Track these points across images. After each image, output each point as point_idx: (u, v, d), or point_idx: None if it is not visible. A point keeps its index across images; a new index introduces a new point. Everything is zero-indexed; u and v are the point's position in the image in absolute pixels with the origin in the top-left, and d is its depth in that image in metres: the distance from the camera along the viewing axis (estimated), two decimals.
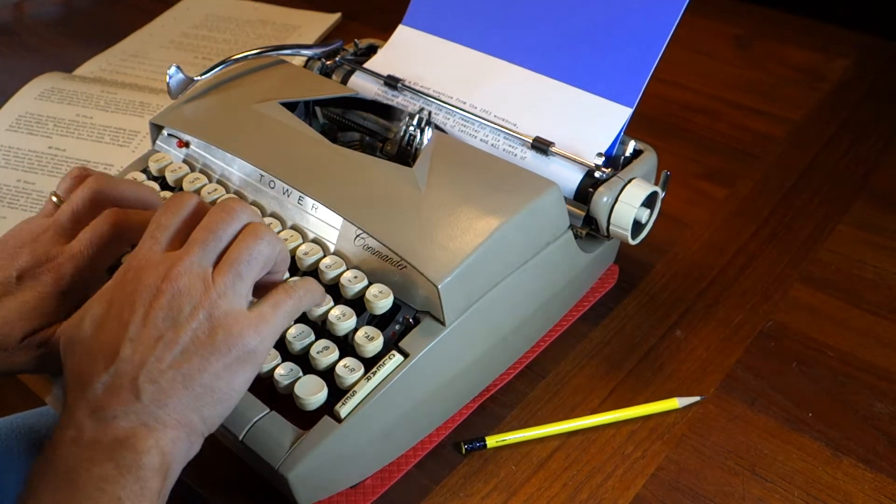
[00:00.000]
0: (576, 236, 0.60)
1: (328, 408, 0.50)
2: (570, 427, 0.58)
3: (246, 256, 0.44)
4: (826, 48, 1.04)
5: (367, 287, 0.53)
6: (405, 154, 0.64)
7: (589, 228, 0.60)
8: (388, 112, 0.67)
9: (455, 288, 0.51)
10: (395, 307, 0.53)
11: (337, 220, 0.55)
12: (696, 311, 0.68)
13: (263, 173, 0.59)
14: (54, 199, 0.54)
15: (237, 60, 0.68)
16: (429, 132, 0.63)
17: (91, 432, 0.41)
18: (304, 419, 0.50)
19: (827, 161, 0.85)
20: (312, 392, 0.49)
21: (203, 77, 0.66)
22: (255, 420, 0.50)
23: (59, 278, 0.50)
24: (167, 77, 0.64)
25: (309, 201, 0.57)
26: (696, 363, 0.63)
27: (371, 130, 0.66)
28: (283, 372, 0.51)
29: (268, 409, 0.50)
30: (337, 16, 1.11)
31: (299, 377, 0.50)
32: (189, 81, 0.65)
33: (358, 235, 0.54)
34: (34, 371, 0.51)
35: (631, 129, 0.80)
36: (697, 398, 0.60)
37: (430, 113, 0.64)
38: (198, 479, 0.53)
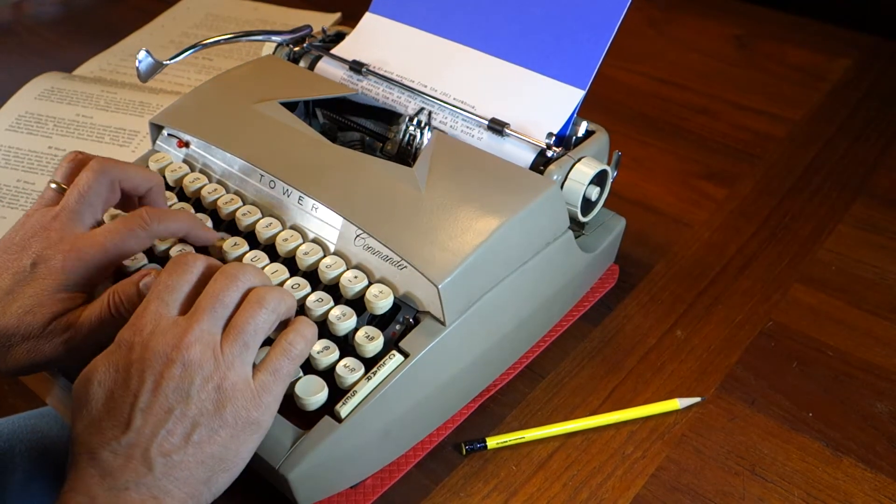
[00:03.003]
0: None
1: (328, 408, 0.50)
2: (571, 428, 0.58)
3: (252, 326, 0.45)
4: (826, 48, 1.04)
5: (367, 287, 0.53)
6: (405, 154, 0.64)
7: None
8: (388, 112, 0.67)
9: (455, 288, 0.51)
10: (396, 307, 0.53)
11: (337, 220, 0.55)
12: (696, 311, 0.68)
13: (263, 173, 0.59)
14: (53, 185, 0.54)
15: (206, 45, 0.69)
16: (429, 132, 0.63)
17: (102, 502, 0.40)
18: (305, 419, 0.50)
19: (827, 161, 0.85)
20: (313, 392, 0.49)
21: (172, 61, 0.67)
22: None
23: (79, 262, 0.50)
24: (136, 62, 0.65)
25: (309, 201, 0.57)
26: (696, 363, 0.63)
27: (371, 130, 0.66)
28: None
29: None
30: (337, 15, 1.11)
31: (300, 377, 0.50)
32: (158, 66, 0.66)
33: (358, 235, 0.54)
34: (64, 360, 0.51)
35: (632, 127, 0.80)
36: (698, 399, 0.60)
37: (430, 113, 0.64)
38: None
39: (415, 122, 0.63)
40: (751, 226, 0.77)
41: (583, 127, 0.62)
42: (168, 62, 0.66)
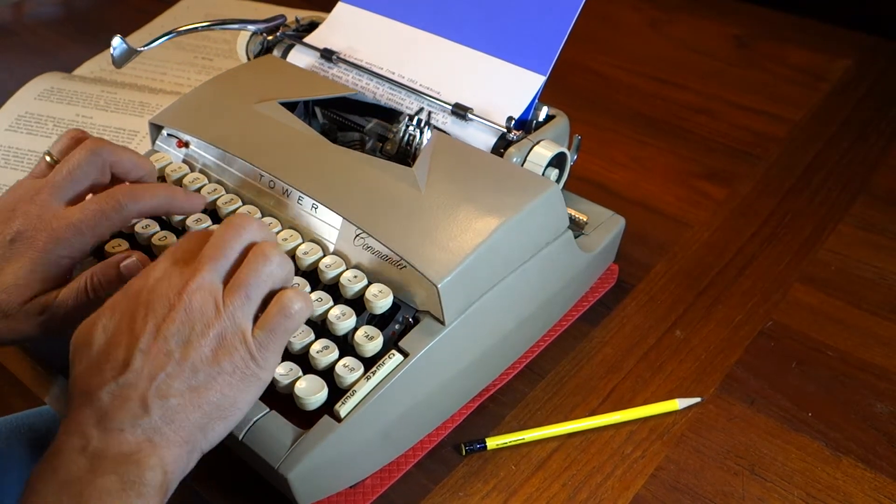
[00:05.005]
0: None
1: (328, 407, 0.50)
2: (570, 428, 0.58)
3: (255, 279, 0.45)
4: (826, 48, 1.04)
5: (366, 287, 0.53)
6: (405, 154, 0.64)
7: None
8: (388, 112, 0.67)
9: (455, 288, 0.51)
10: (395, 307, 0.53)
11: (337, 220, 0.55)
12: (696, 311, 0.68)
13: (263, 173, 0.59)
14: (48, 158, 0.54)
15: (181, 33, 0.71)
16: (428, 132, 0.63)
17: (97, 442, 0.41)
18: (304, 419, 0.50)
19: (827, 161, 0.85)
20: (312, 392, 0.49)
21: (147, 48, 0.67)
22: (254, 420, 0.50)
23: (55, 242, 0.50)
24: (111, 49, 0.66)
25: (309, 201, 0.57)
26: (696, 363, 0.63)
27: (371, 130, 0.66)
28: (283, 371, 0.50)
29: (267, 409, 0.50)
30: None
31: (299, 377, 0.50)
32: (132, 52, 0.67)
33: (358, 235, 0.54)
34: (39, 336, 0.51)
35: (632, 127, 0.79)
36: (698, 399, 0.60)
37: (429, 113, 0.64)
38: (198, 479, 0.53)
39: (414, 122, 0.64)
40: (751, 226, 0.77)
41: (543, 112, 0.63)
42: (142, 49, 0.67)
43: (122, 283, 0.50)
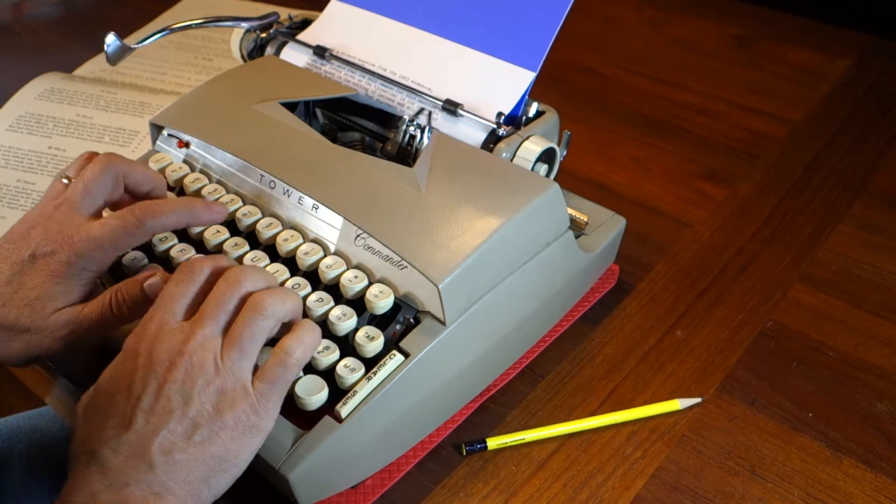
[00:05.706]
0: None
1: (329, 408, 0.50)
2: (571, 428, 0.58)
3: (249, 333, 0.45)
4: (826, 48, 1.04)
5: (367, 287, 0.53)
6: (405, 154, 0.64)
7: None
8: (388, 113, 0.67)
9: (455, 288, 0.51)
10: (396, 307, 0.53)
11: (337, 220, 0.55)
12: (696, 311, 0.68)
13: (264, 173, 0.59)
14: (64, 180, 0.54)
15: (175, 30, 0.71)
16: (429, 133, 0.63)
17: (104, 498, 0.41)
18: (305, 419, 0.50)
19: (827, 161, 0.85)
20: (313, 392, 0.49)
21: (140, 45, 0.68)
22: None
23: (76, 256, 0.50)
24: (105, 46, 0.66)
25: (309, 201, 0.57)
26: (697, 363, 0.63)
27: (371, 130, 0.66)
28: None
29: None
30: None
31: (300, 377, 0.50)
32: (126, 49, 0.67)
33: (358, 235, 0.54)
34: (61, 352, 0.51)
35: (632, 127, 0.79)
36: (698, 399, 0.60)
37: (430, 114, 0.64)
38: None
39: (415, 123, 0.64)
40: (751, 226, 0.77)
41: (533, 108, 0.64)
42: (136, 46, 0.67)
43: (146, 301, 0.50)
